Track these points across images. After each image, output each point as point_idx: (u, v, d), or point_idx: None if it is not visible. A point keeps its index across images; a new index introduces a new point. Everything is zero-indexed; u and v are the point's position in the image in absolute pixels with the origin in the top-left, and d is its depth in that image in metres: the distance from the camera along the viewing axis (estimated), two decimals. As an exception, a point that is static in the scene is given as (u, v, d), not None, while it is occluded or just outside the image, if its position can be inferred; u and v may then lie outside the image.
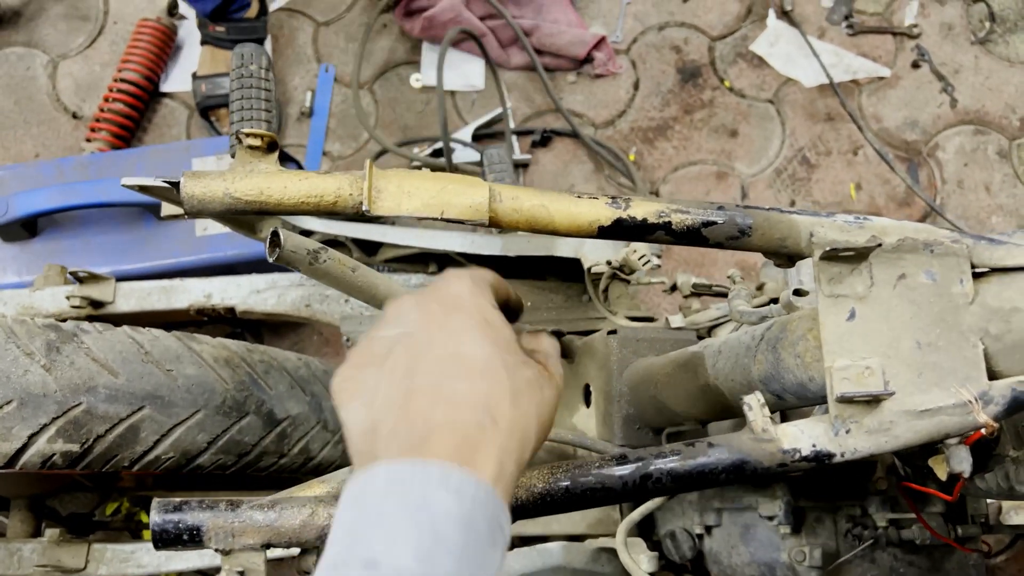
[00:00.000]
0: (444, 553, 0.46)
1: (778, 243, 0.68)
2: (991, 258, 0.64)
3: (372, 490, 0.49)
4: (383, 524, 0.47)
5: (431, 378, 0.54)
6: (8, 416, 0.91)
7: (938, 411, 0.62)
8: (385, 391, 0.55)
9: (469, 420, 0.52)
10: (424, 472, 0.49)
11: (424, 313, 0.59)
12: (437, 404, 0.53)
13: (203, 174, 0.71)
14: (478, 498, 0.49)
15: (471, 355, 0.56)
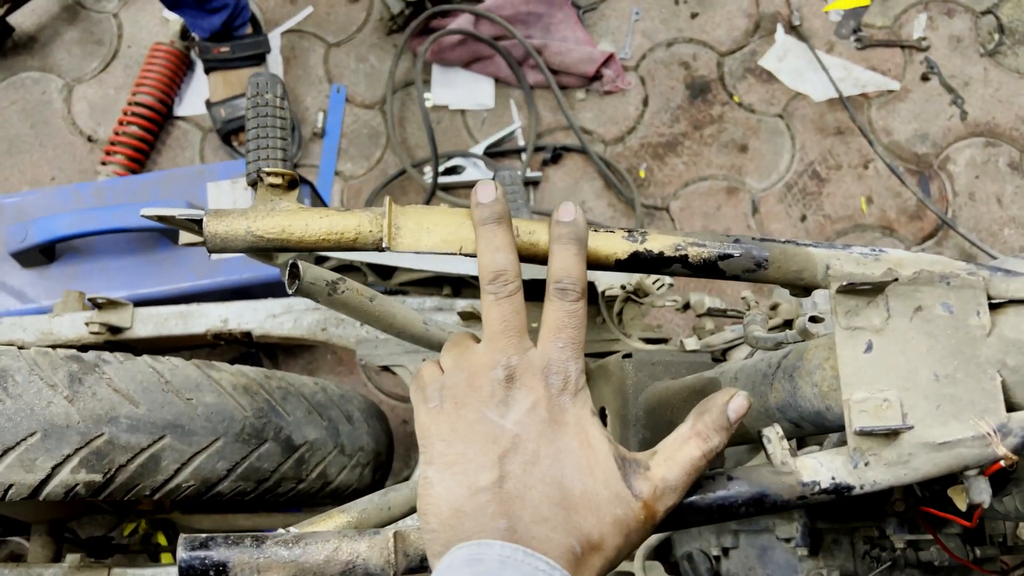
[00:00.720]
0: None
1: (795, 276, 0.69)
2: (1007, 290, 0.64)
3: (489, 555, 0.53)
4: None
5: (533, 495, 0.57)
6: (32, 448, 0.92)
7: (957, 443, 0.62)
8: (487, 482, 0.57)
9: (564, 545, 0.56)
10: (534, 559, 0.53)
11: (531, 415, 0.59)
12: (537, 522, 0.56)
13: (225, 213, 0.72)
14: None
15: (571, 486, 0.58)
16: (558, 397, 0.60)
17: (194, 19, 1.99)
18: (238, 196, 1.65)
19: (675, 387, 1.02)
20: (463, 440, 0.59)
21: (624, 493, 0.59)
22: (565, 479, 0.57)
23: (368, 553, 0.66)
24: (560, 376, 0.61)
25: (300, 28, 2.24)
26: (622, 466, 0.60)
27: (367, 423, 1.27)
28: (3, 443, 0.90)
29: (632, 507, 0.59)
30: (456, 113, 2.16)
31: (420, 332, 0.98)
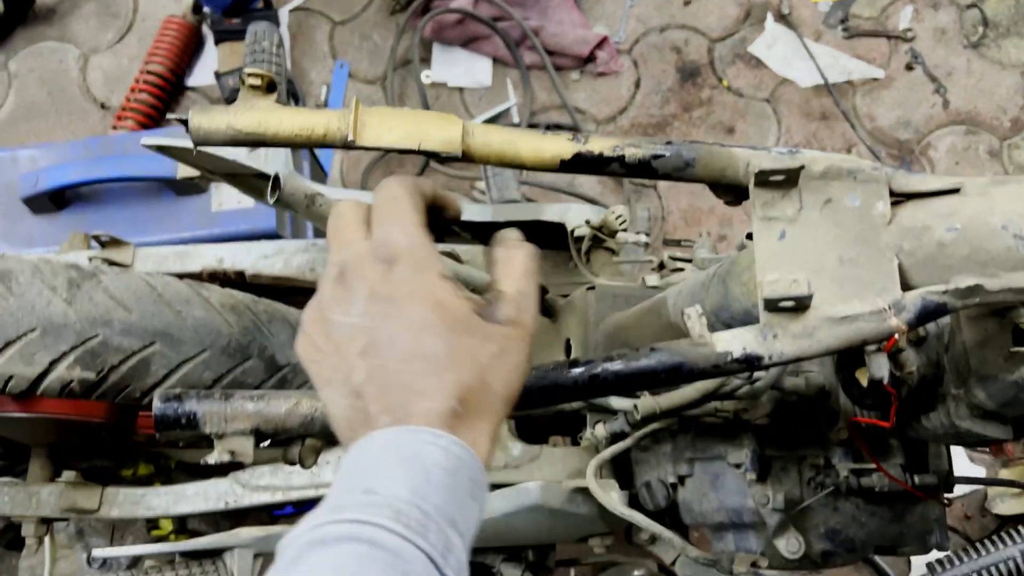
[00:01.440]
0: (433, 491, 0.53)
1: (719, 173, 0.76)
2: (907, 184, 0.71)
3: (371, 446, 0.57)
4: (381, 467, 0.54)
5: (402, 377, 0.58)
6: (32, 343, 1.00)
7: (857, 318, 0.69)
8: (360, 380, 0.59)
9: (444, 409, 0.57)
10: (416, 434, 0.56)
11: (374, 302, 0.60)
12: (412, 398, 0.58)
13: (209, 109, 0.79)
14: (462, 457, 0.56)
15: (434, 351, 0.58)
16: (396, 274, 0.60)
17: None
18: (236, 153, 1.73)
19: (630, 312, 1.09)
20: (327, 354, 0.61)
21: (490, 329, 0.61)
22: (427, 348, 0.58)
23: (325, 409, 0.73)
24: (389, 251, 0.60)
25: (307, 6, 2.34)
26: (480, 311, 0.62)
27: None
28: (5, 336, 0.98)
29: (503, 332, 0.61)
30: (454, 90, 2.24)
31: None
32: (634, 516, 0.97)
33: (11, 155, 1.76)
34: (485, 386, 0.60)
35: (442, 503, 0.53)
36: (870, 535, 1.16)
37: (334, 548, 0.50)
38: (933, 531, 1.19)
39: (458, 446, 0.56)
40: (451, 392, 0.58)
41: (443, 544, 0.52)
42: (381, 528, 0.51)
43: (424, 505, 0.52)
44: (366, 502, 0.52)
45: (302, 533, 0.52)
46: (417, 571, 0.50)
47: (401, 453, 0.55)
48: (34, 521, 1.41)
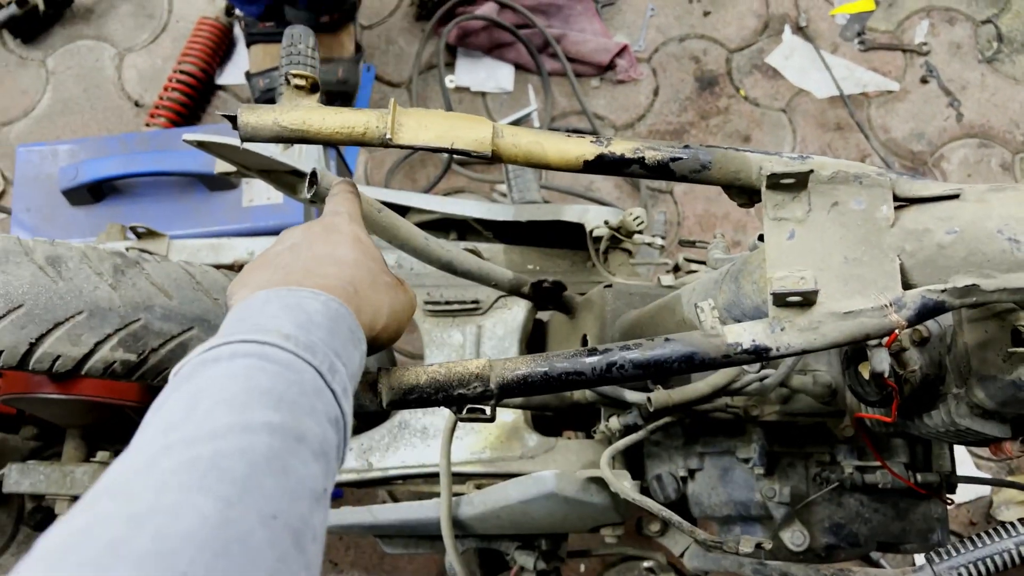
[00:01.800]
0: (316, 329, 0.58)
1: (733, 176, 0.80)
2: (910, 190, 0.76)
3: (254, 301, 0.61)
4: (265, 311, 0.59)
5: (308, 265, 0.67)
6: (79, 324, 1.05)
7: (860, 313, 0.74)
8: (267, 276, 0.66)
9: (336, 284, 0.65)
10: (297, 291, 0.62)
11: (307, 232, 0.73)
12: (310, 276, 0.66)
13: (256, 107, 0.85)
14: (340, 311, 0.62)
15: (343, 255, 0.70)
16: (330, 219, 0.75)
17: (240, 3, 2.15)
18: (271, 151, 1.79)
19: (646, 309, 1.13)
20: (247, 271, 0.70)
21: (387, 268, 0.74)
22: (337, 251, 0.69)
23: (358, 387, 0.78)
24: (333, 211, 0.77)
25: (336, 11, 2.40)
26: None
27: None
28: (55, 318, 1.04)
29: (392, 276, 0.74)
30: (477, 95, 2.30)
31: (421, 246, 1.10)
32: (646, 502, 1.02)
33: (51, 149, 1.83)
34: (377, 290, 0.70)
35: (326, 337, 0.59)
36: (873, 531, 1.20)
37: (227, 363, 0.53)
38: (935, 529, 1.22)
39: (336, 302, 0.63)
40: (346, 280, 0.67)
41: (328, 365, 0.57)
42: (270, 345, 0.54)
43: (309, 336, 0.57)
44: (254, 329, 0.56)
45: (193, 356, 0.56)
46: (306, 380, 0.54)
47: (283, 303, 0.60)
48: (67, 500, 1.48)
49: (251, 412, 0.49)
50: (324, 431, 0.53)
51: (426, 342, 1.40)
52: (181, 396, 0.51)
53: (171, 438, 0.47)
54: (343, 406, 0.57)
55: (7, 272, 1.03)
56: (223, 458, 0.45)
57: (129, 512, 0.42)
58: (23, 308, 1.02)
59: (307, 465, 0.50)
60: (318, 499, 0.50)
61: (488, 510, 1.22)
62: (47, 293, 1.04)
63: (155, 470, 0.44)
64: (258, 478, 0.45)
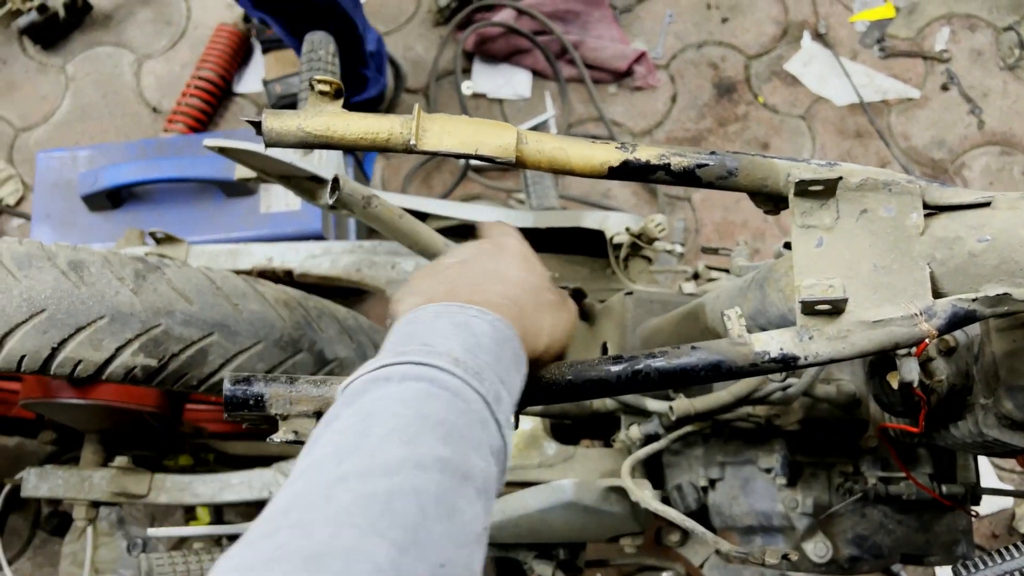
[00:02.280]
0: (483, 352, 0.58)
1: (760, 183, 0.79)
2: (940, 197, 0.75)
3: (423, 315, 0.62)
4: (434, 329, 0.59)
5: (476, 281, 0.69)
6: (100, 329, 1.06)
7: (889, 322, 0.73)
8: (434, 287, 0.68)
9: (502, 303, 0.66)
10: (466, 309, 0.62)
11: (478, 248, 0.75)
12: (476, 292, 0.66)
13: (280, 113, 0.85)
14: (507, 333, 0.62)
15: (508, 272, 0.71)
16: (504, 238, 0.77)
17: None
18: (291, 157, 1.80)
19: (668, 317, 1.12)
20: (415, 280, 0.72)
21: (556, 291, 0.74)
22: (504, 269, 0.71)
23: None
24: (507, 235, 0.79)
25: (354, 17, 2.40)
26: None
27: (392, 355, 1.39)
28: (77, 322, 1.04)
29: (563, 299, 0.75)
30: (494, 102, 2.30)
31: (440, 251, 1.10)
32: (668, 512, 1.01)
33: (71, 155, 1.84)
34: (541, 309, 0.70)
35: (492, 362, 0.58)
36: (897, 542, 1.18)
37: (399, 384, 0.53)
38: (960, 541, 1.21)
39: (503, 323, 0.63)
40: (511, 297, 0.67)
41: (495, 393, 0.57)
42: (442, 370, 0.54)
43: (477, 360, 0.57)
44: (425, 351, 0.56)
45: (364, 373, 0.55)
46: (474, 411, 0.54)
47: (452, 321, 0.61)
48: (85, 504, 1.48)
49: (423, 445, 0.49)
50: (487, 465, 0.53)
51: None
52: (353, 417, 0.51)
53: (345, 468, 0.47)
54: (506, 436, 0.57)
55: (30, 277, 1.03)
56: (396, 498, 0.45)
57: (308, 552, 0.42)
58: (45, 313, 1.03)
59: (472, 505, 0.49)
60: (479, 540, 0.50)
61: (507, 518, 1.21)
62: (69, 298, 1.04)
63: (332, 505, 0.45)
64: (429, 523, 0.45)
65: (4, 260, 1.04)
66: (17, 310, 1.02)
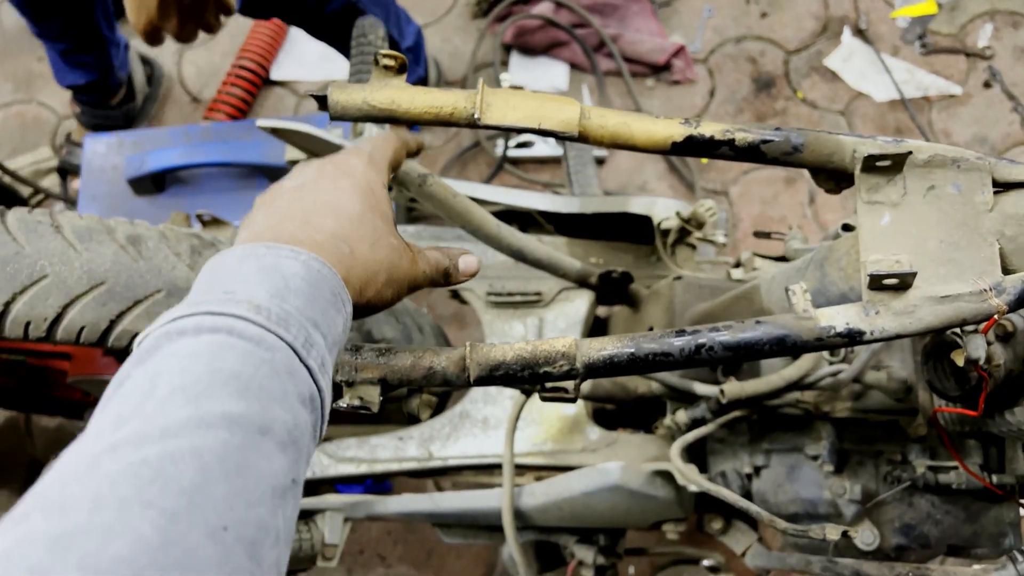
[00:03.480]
0: (293, 296, 0.54)
1: (826, 159, 0.79)
2: (1010, 174, 0.74)
3: (230, 258, 0.57)
4: (239, 273, 0.55)
5: (306, 213, 0.63)
6: (158, 303, 1.07)
7: (957, 298, 0.72)
8: (263, 220, 0.63)
9: (329, 240, 0.61)
10: (277, 249, 0.57)
11: (319, 171, 0.69)
12: (304, 227, 0.61)
13: (346, 86, 0.86)
14: (323, 272, 0.58)
15: (346, 206, 0.65)
16: (348, 159, 0.70)
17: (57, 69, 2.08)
18: (341, 139, 1.83)
19: (719, 301, 1.12)
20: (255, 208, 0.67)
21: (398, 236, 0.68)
22: (342, 202, 0.65)
23: (446, 363, 0.78)
24: (351, 150, 0.72)
25: (393, 9, 2.42)
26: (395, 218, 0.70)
27: (436, 339, 1.40)
28: (135, 296, 1.05)
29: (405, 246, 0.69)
30: (531, 94, 2.30)
31: (493, 232, 1.10)
32: (721, 492, 1.01)
33: (117, 139, 1.87)
34: (376, 252, 0.65)
35: (302, 305, 0.54)
36: (944, 533, 1.17)
37: (192, 337, 0.49)
38: (1007, 534, 1.20)
39: (319, 262, 0.58)
40: (343, 235, 0.62)
41: (304, 338, 0.53)
42: (240, 319, 0.50)
43: (284, 305, 0.53)
44: (224, 299, 0.52)
45: (158, 326, 0.51)
46: (279, 359, 0.50)
47: (260, 263, 0.56)
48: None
49: (210, 402, 0.45)
50: (295, 415, 0.50)
51: (487, 333, 1.41)
52: (139, 378, 0.47)
53: (119, 435, 0.42)
54: (319, 382, 0.54)
55: (90, 250, 1.05)
56: (172, 463, 0.41)
57: (57, 532, 0.37)
58: (105, 285, 1.04)
59: (271, 460, 0.46)
60: (283, 494, 0.46)
61: (550, 501, 1.22)
62: (128, 271, 1.06)
63: (94, 477, 0.40)
64: (210, 486, 0.41)
65: (65, 233, 1.06)
66: (78, 282, 1.04)
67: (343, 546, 1.28)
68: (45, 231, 1.06)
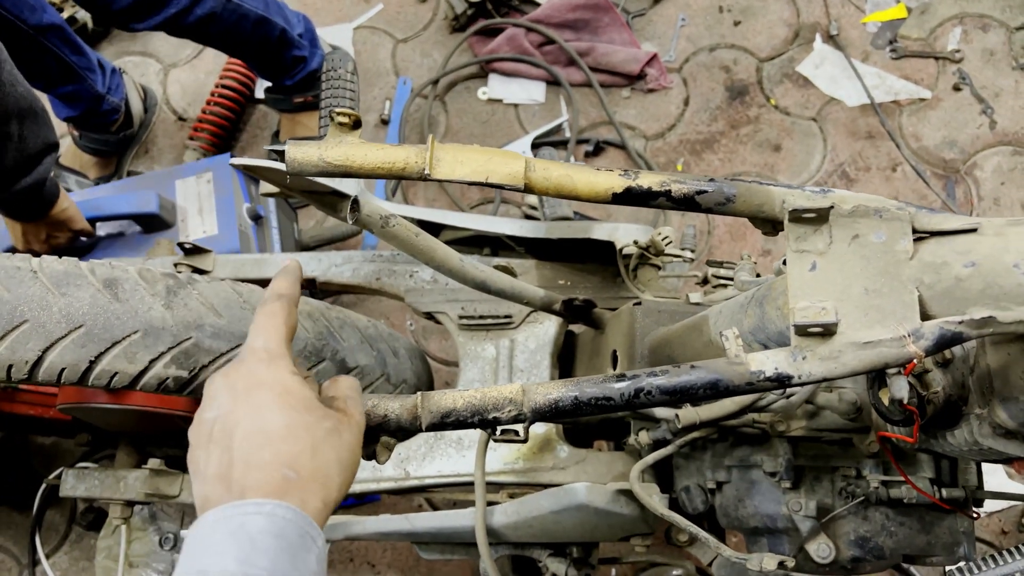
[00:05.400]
0: (260, 555, 0.59)
1: (757, 208, 0.84)
2: (929, 223, 0.78)
3: (201, 529, 0.63)
4: (210, 545, 0.61)
5: (243, 452, 0.67)
6: (134, 343, 1.11)
7: (879, 343, 0.77)
8: (212, 469, 0.68)
9: (276, 478, 0.66)
10: (242, 507, 0.63)
11: (231, 395, 0.71)
12: (250, 471, 0.66)
13: (303, 143, 0.90)
14: (287, 517, 0.63)
15: (273, 425, 0.68)
16: (251, 367, 0.73)
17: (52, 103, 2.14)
18: (202, 189, 1.90)
19: (674, 328, 1.17)
20: (196, 449, 0.72)
21: (327, 411, 0.73)
22: (267, 423, 0.68)
23: (400, 411, 0.83)
24: (249, 355, 0.75)
25: (372, 24, 2.45)
26: (318, 395, 0.75)
27: (411, 361, 1.44)
28: (112, 337, 1.09)
29: (337, 416, 0.74)
30: (510, 107, 2.34)
31: (456, 267, 1.15)
32: (674, 518, 1.05)
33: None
34: (319, 454, 0.68)
35: (271, 564, 0.60)
36: (899, 544, 1.22)
37: None
38: (961, 543, 1.24)
39: (283, 508, 0.63)
40: (284, 461, 0.66)
41: None
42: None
43: (252, 571, 0.59)
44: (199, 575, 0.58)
45: None
46: None
47: (228, 527, 0.61)
48: (120, 504, 1.55)
49: None
50: None
51: (461, 355, 1.45)
52: None
53: None
54: None
55: (69, 294, 1.09)
56: None
57: None
58: (83, 328, 1.08)
59: None
60: None
61: (521, 519, 1.26)
62: (105, 314, 1.10)
63: None
64: None
65: (43, 278, 1.10)
66: (57, 325, 1.08)
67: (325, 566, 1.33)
68: (24, 276, 1.10)
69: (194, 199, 1.88)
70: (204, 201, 1.87)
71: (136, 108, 2.28)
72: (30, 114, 1.48)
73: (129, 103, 2.24)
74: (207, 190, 1.90)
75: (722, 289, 1.29)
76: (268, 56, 2.04)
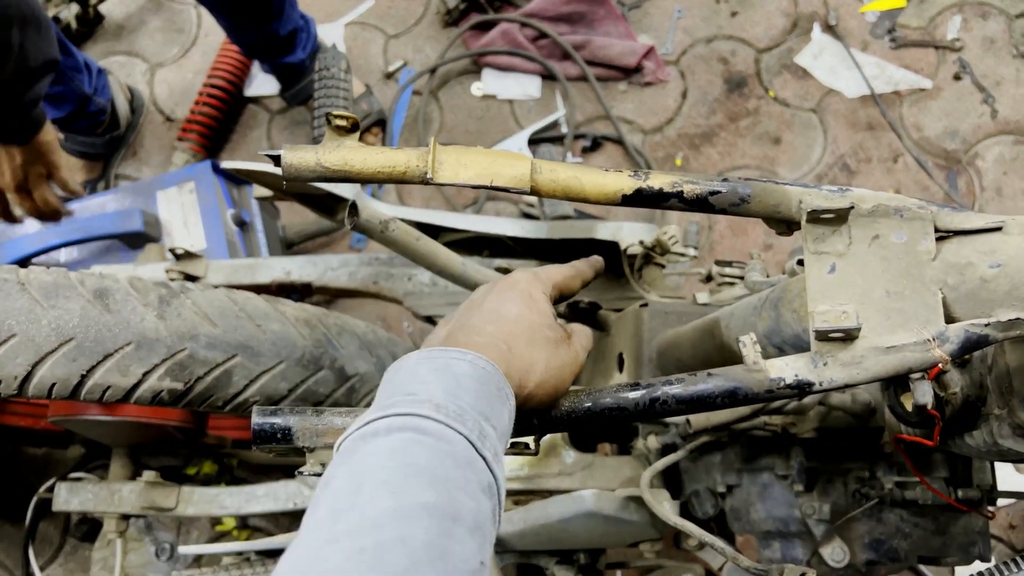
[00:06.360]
0: (464, 393, 0.62)
1: (773, 209, 0.80)
2: (952, 222, 0.75)
3: (406, 364, 0.67)
4: (417, 376, 0.64)
5: (473, 322, 0.74)
6: (127, 356, 1.08)
7: (902, 348, 0.74)
8: (443, 332, 0.76)
9: (490, 343, 0.71)
10: (447, 352, 0.67)
11: (491, 288, 0.81)
12: (471, 335, 0.72)
13: (300, 148, 0.86)
14: (487, 369, 0.66)
15: (507, 312, 0.76)
16: (516, 277, 0.82)
17: None
18: (185, 200, 1.86)
19: (684, 330, 1.14)
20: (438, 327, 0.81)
21: (559, 329, 0.79)
22: (503, 309, 0.76)
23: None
24: (522, 273, 0.83)
25: (363, 20, 2.41)
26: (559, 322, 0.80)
27: (411, 366, 1.41)
28: (104, 350, 1.06)
29: (565, 336, 0.79)
30: (505, 102, 2.31)
31: (458, 271, 1.12)
32: (686, 525, 1.03)
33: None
34: (533, 346, 0.74)
35: (473, 401, 0.62)
36: (914, 545, 1.20)
37: (386, 437, 0.57)
38: (976, 543, 1.22)
39: (483, 360, 0.66)
40: (503, 337, 0.72)
41: (479, 430, 0.60)
42: (424, 418, 0.58)
43: (458, 402, 0.61)
44: (408, 400, 0.60)
45: (355, 429, 0.59)
46: (458, 451, 0.58)
47: (433, 365, 0.65)
48: (115, 517, 1.51)
49: (409, 494, 0.52)
50: (478, 503, 0.56)
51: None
52: (345, 476, 0.55)
53: (338, 528, 0.50)
54: (495, 471, 0.60)
55: (58, 307, 1.05)
56: (385, 550, 0.48)
57: None
58: (74, 341, 1.05)
59: (463, 544, 0.52)
60: (476, 573, 0.52)
61: (528, 527, 1.23)
62: (96, 326, 1.06)
63: (325, 566, 0.48)
64: (420, 569, 0.48)
65: (32, 290, 1.06)
66: (46, 339, 1.04)
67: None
68: (11, 289, 1.06)
69: (178, 210, 1.84)
70: (188, 213, 1.84)
71: (123, 109, 2.23)
72: (32, 22, 1.38)
73: (115, 104, 2.20)
74: (190, 200, 1.87)
75: (728, 287, 1.26)
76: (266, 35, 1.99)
